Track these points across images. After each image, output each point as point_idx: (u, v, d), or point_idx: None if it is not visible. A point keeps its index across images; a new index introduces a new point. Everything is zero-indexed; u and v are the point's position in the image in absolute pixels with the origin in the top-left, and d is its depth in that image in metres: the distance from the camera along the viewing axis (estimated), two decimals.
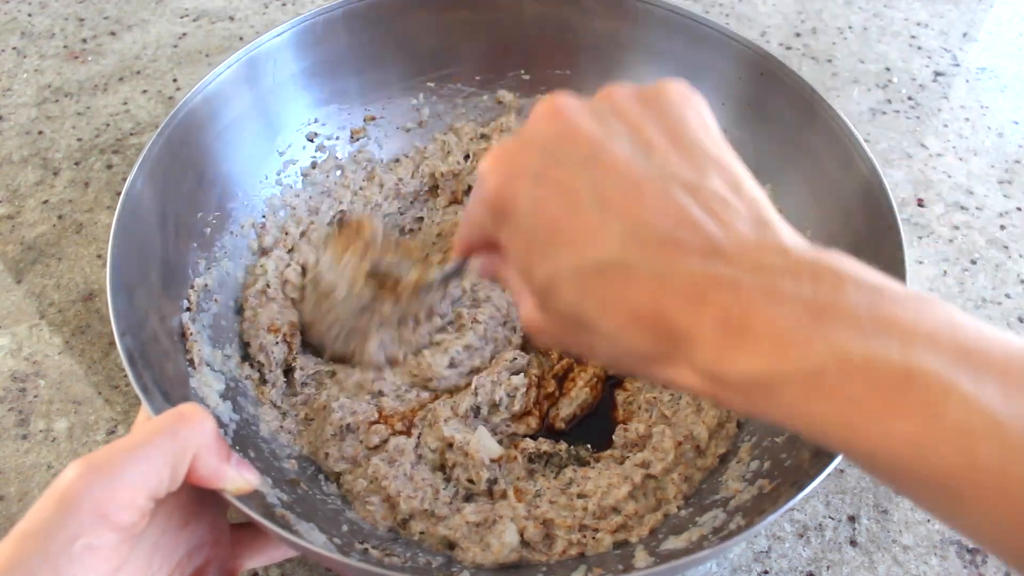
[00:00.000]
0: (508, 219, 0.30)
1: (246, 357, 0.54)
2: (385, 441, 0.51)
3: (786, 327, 0.24)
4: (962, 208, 0.73)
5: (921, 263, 0.68)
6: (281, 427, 0.51)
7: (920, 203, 0.73)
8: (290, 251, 0.60)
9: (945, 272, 0.67)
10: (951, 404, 0.22)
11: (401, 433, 0.52)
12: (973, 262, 0.68)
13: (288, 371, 0.55)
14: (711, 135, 0.30)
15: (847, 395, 0.24)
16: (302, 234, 0.61)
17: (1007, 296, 0.66)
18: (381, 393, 0.54)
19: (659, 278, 0.26)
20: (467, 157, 0.68)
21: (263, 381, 0.53)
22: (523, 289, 0.32)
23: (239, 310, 0.56)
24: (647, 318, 0.27)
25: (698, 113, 0.31)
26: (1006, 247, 0.69)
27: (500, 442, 0.52)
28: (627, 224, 0.27)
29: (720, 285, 0.26)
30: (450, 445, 0.50)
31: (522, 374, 0.54)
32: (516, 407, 0.53)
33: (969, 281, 0.67)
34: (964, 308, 0.65)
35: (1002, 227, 0.71)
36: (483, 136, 0.68)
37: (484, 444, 0.50)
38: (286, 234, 0.60)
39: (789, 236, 0.27)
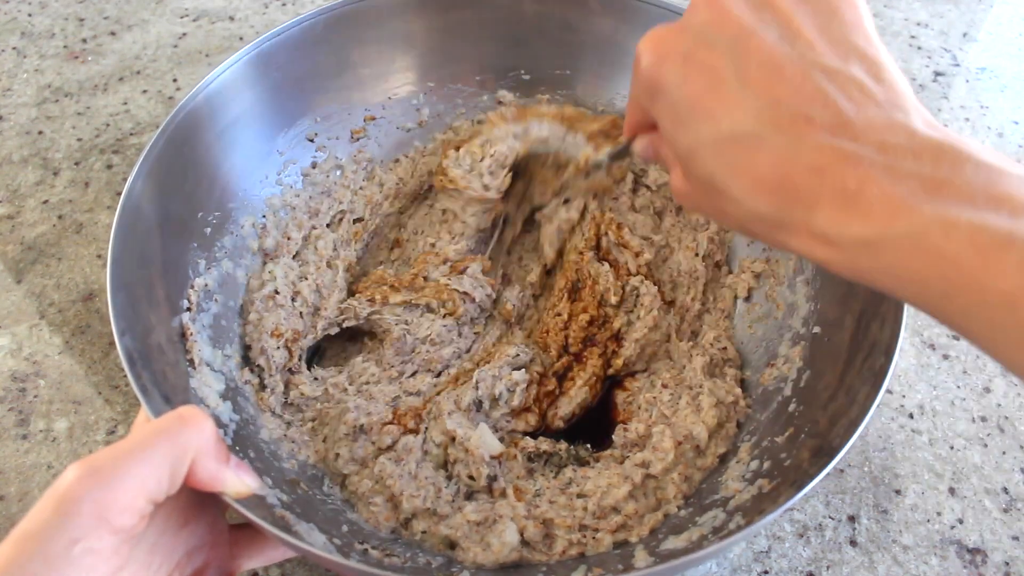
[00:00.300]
0: (659, 95, 0.33)
1: (247, 361, 0.54)
2: (395, 442, 0.51)
3: (898, 197, 0.27)
4: None
5: None
6: (285, 435, 0.51)
7: None
8: (295, 257, 0.60)
9: None
10: None
11: (411, 432, 0.52)
12: None
13: (287, 382, 0.55)
14: (862, 29, 0.31)
15: (948, 255, 0.25)
16: (304, 239, 0.61)
17: None
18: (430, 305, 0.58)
19: (787, 149, 0.29)
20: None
21: (263, 387, 0.53)
22: (674, 160, 0.35)
23: (242, 312, 0.56)
24: (772, 184, 0.30)
25: (853, 7, 0.32)
26: None
27: (500, 439, 0.52)
28: (763, 100, 0.30)
29: (843, 159, 0.28)
30: (452, 439, 0.50)
31: (523, 370, 0.55)
32: (515, 402, 0.54)
33: None
34: None
35: None
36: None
37: (485, 440, 0.50)
38: (288, 239, 0.60)
39: (921, 120, 0.29)
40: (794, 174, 0.29)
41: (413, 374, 0.57)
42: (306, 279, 0.58)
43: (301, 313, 0.57)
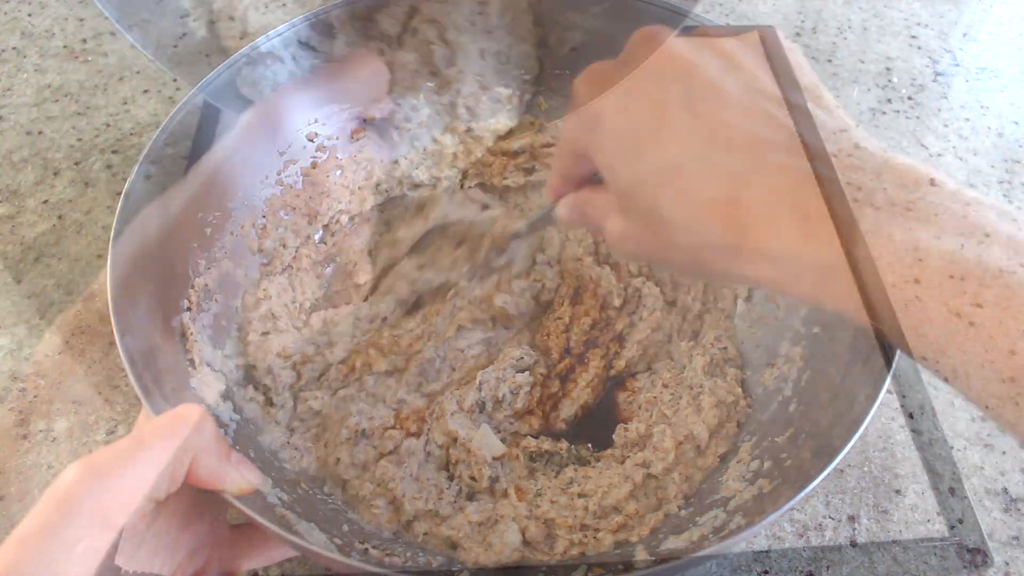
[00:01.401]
0: (598, 127, 0.32)
1: (249, 379, 0.54)
2: (397, 447, 0.51)
3: (865, 219, 0.26)
4: None
5: None
6: (288, 443, 0.51)
7: None
8: (286, 270, 0.59)
9: None
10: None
11: (413, 435, 0.52)
12: None
13: (296, 398, 0.54)
14: (801, 67, 0.32)
15: (921, 284, 0.25)
16: (298, 248, 0.61)
17: None
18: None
19: (739, 170, 0.28)
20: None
21: (270, 403, 0.53)
22: (608, 205, 0.34)
23: (239, 330, 0.56)
24: (724, 207, 0.28)
25: (792, 52, 0.32)
26: None
27: (503, 440, 0.52)
28: (712, 124, 0.29)
29: (801, 178, 0.27)
30: (454, 440, 0.50)
31: (527, 372, 0.55)
32: (519, 404, 0.53)
33: None
34: None
35: None
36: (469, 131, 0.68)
37: (487, 442, 0.50)
38: (284, 246, 0.60)
39: (871, 141, 0.28)
40: (748, 195, 0.28)
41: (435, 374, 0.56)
42: (298, 298, 0.58)
43: (306, 338, 0.56)
